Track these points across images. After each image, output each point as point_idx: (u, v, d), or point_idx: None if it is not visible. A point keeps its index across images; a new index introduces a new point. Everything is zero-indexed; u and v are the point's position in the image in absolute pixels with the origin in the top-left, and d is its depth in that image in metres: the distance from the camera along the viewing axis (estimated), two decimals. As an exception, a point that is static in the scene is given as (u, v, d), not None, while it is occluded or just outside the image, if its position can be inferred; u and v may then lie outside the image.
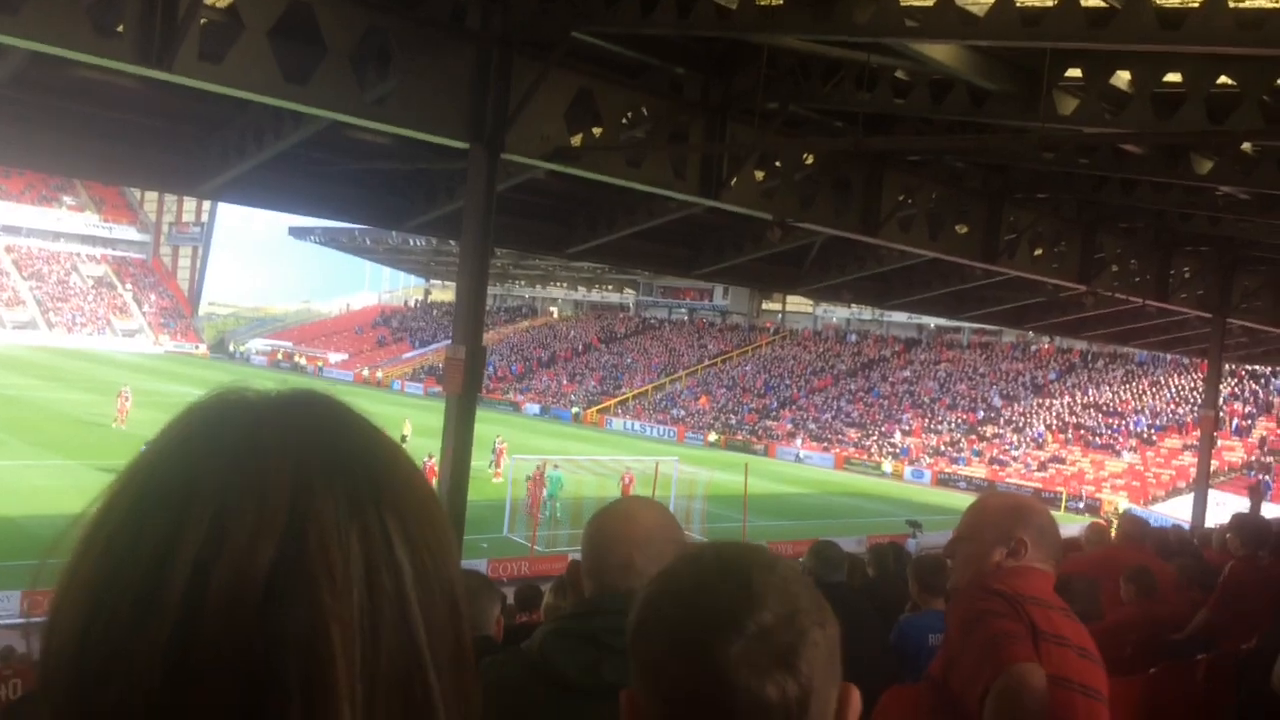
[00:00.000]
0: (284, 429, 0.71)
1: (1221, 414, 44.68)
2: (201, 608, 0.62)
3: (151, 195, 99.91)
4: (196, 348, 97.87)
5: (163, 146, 17.41)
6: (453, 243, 33.13)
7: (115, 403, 42.45)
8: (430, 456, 30.51)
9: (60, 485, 29.07)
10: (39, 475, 30.44)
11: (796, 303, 75.32)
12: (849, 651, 3.74)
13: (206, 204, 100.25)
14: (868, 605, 5.10)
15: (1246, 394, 54.64)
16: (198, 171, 17.44)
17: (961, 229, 19.07)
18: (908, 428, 59.42)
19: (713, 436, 61.07)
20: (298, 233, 79.59)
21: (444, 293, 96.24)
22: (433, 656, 0.68)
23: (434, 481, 27.09)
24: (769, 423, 63.78)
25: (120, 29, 10.16)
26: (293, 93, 11.10)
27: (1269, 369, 51.92)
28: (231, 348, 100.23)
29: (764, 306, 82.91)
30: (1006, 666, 2.48)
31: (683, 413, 67.59)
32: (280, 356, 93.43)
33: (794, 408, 65.93)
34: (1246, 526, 5.80)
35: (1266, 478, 46.07)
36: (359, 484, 0.69)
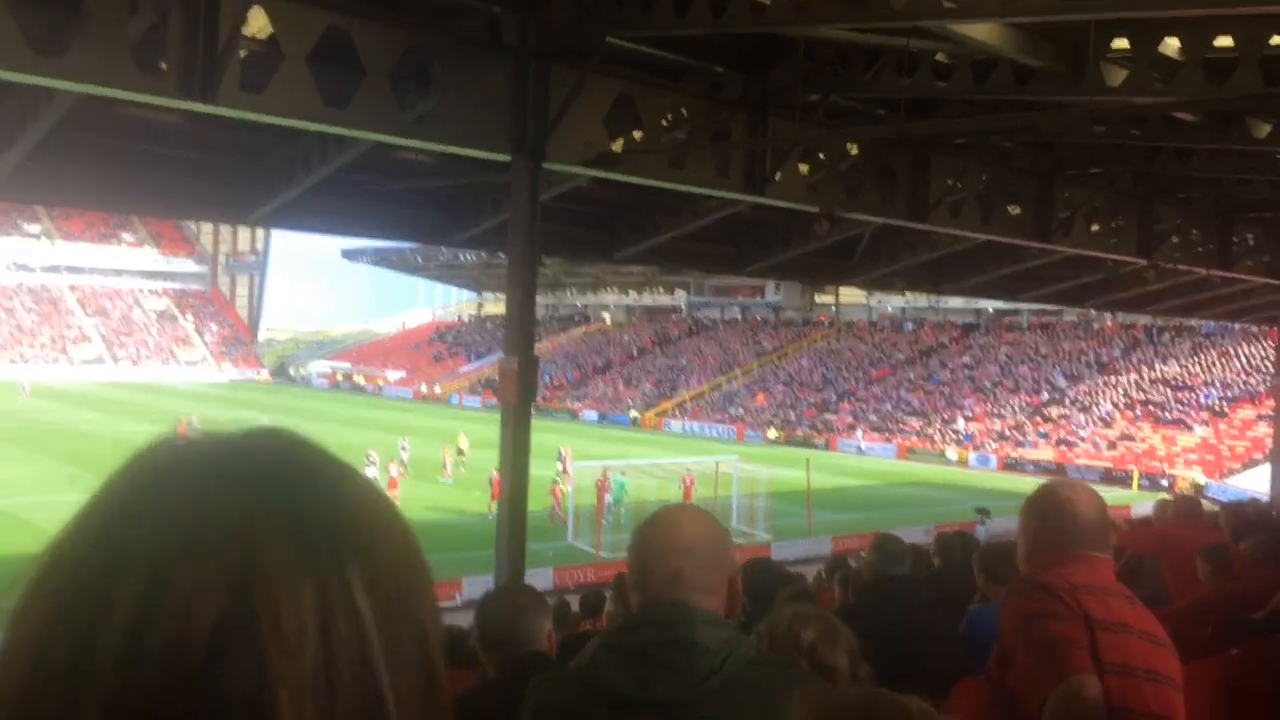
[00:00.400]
0: (231, 477, 0.66)
1: (1296, 381, 43.51)
2: (138, 675, 0.58)
3: (208, 227, 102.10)
4: (258, 373, 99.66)
5: (212, 178, 17.72)
6: (501, 255, 33.40)
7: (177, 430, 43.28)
8: (496, 471, 30.81)
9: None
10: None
11: (850, 294, 74.69)
12: (911, 646, 3.66)
13: (261, 233, 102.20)
14: (933, 596, 5.00)
15: (1320, 360, 53.13)
16: (246, 200, 17.71)
17: (1014, 209, 18.75)
18: (970, 413, 58.61)
19: (772, 433, 60.75)
20: (350, 255, 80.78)
21: (496, 305, 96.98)
22: (398, 701, 0.64)
23: (496, 494, 27.27)
24: (828, 416, 63.32)
25: (163, 65, 10.35)
26: (333, 116, 11.22)
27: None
28: (292, 371, 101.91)
29: (817, 300, 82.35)
30: (1063, 677, 2.43)
31: (741, 411, 67.35)
32: (340, 378, 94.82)
33: (853, 400, 65.37)
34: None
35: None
36: (316, 532, 0.65)
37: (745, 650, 1.86)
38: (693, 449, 49.01)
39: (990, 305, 65.51)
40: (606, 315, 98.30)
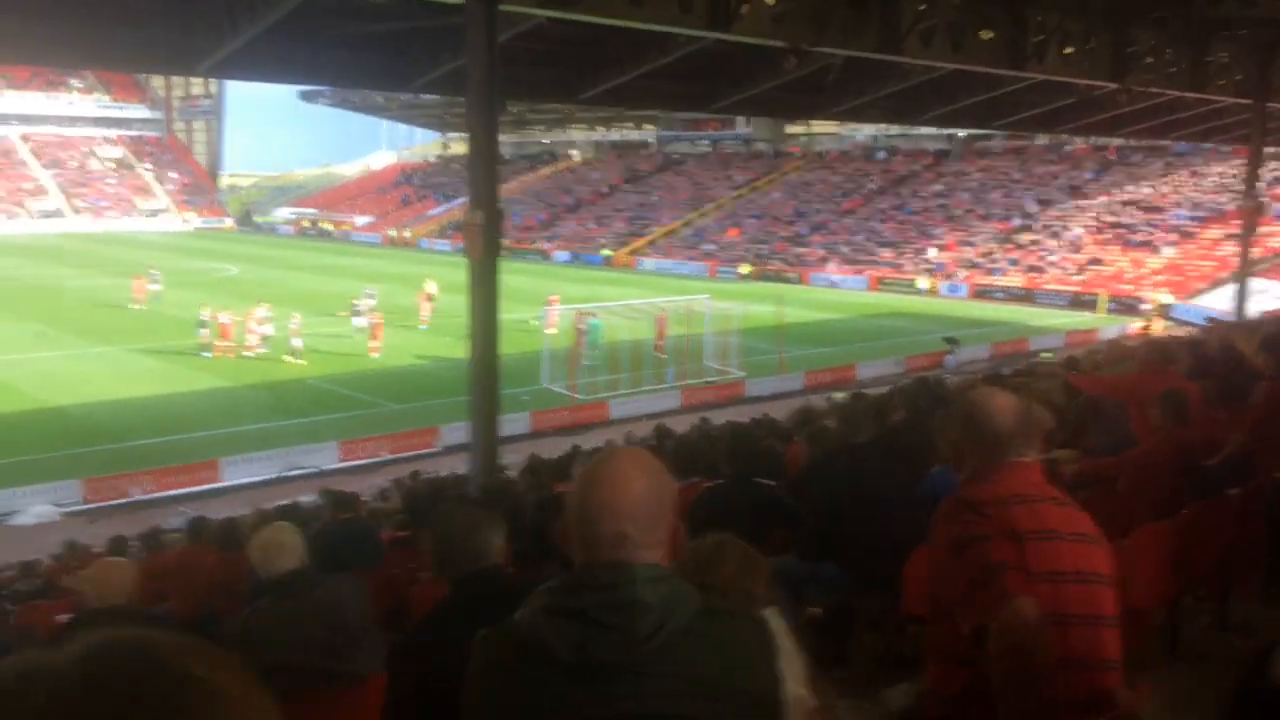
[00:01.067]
0: None
1: (1263, 200, 43.52)
2: None
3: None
4: (223, 221, 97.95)
5: (152, 26, 16.92)
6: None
7: (134, 284, 42.94)
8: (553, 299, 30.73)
9: (107, 372, 29.69)
10: (84, 364, 31.02)
11: (822, 123, 73.43)
12: (873, 515, 3.72)
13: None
14: (890, 463, 5.07)
15: (1290, 177, 53.14)
16: (191, 50, 17.00)
17: (986, 35, 18.26)
18: (942, 242, 58.65)
19: (745, 268, 60.70)
20: (309, 96, 78.28)
21: (463, 145, 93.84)
22: None
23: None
24: (800, 250, 63.22)
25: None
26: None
27: (1313, 149, 50.29)
28: (257, 219, 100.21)
29: (788, 131, 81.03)
30: (997, 600, 2.47)
31: (713, 247, 67.09)
32: (307, 224, 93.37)
33: (825, 232, 65.17)
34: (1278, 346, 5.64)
35: (1311, 263, 45.23)
36: None
37: (690, 602, 1.84)
38: (666, 287, 49.02)
39: (963, 130, 64.64)
40: (575, 152, 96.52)
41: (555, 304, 36.46)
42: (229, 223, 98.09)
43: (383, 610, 5.75)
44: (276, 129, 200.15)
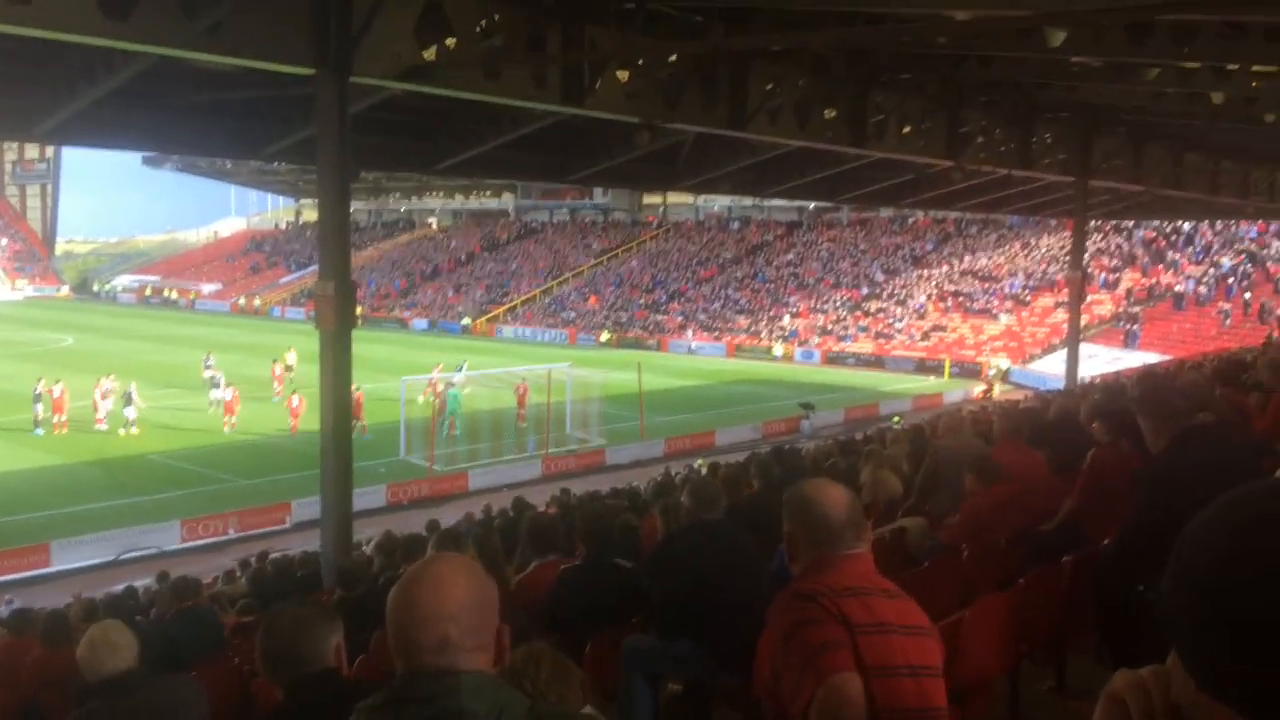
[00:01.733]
0: None
1: (1089, 270, 46.40)
2: None
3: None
4: (58, 290, 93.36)
5: (-15, 90, 16.16)
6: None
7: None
8: (358, 388, 29.90)
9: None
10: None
11: (677, 194, 75.08)
12: (726, 591, 3.70)
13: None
14: (743, 537, 5.13)
15: (1112, 248, 56.84)
16: (27, 113, 16.29)
17: (830, 113, 19.04)
18: (795, 310, 60.39)
19: (605, 336, 61.15)
20: (152, 161, 75.78)
21: (316, 212, 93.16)
22: None
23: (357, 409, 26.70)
24: (659, 317, 64.10)
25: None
26: (114, 29, 10.31)
27: (1132, 222, 53.98)
28: (96, 287, 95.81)
29: (645, 201, 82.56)
30: (825, 679, 2.51)
31: (573, 314, 67.42)
32: (149, 293, 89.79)
33: (683, 300, 66.31)
34: (1111, 414, 5.97)
35: (1134, 327, 48.29)
36: None
37: (519, 708, 1.80)
38: (526, 355, 48.90)
39: (812, 203, 67.07)
40: (433, 220, 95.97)
41: (437, 372, 35.99)
42: (64, 291, 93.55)
43: (223, 706, 5.46)
44: (118, 194, 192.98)
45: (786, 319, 59.17)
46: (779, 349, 54.89)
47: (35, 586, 18.52)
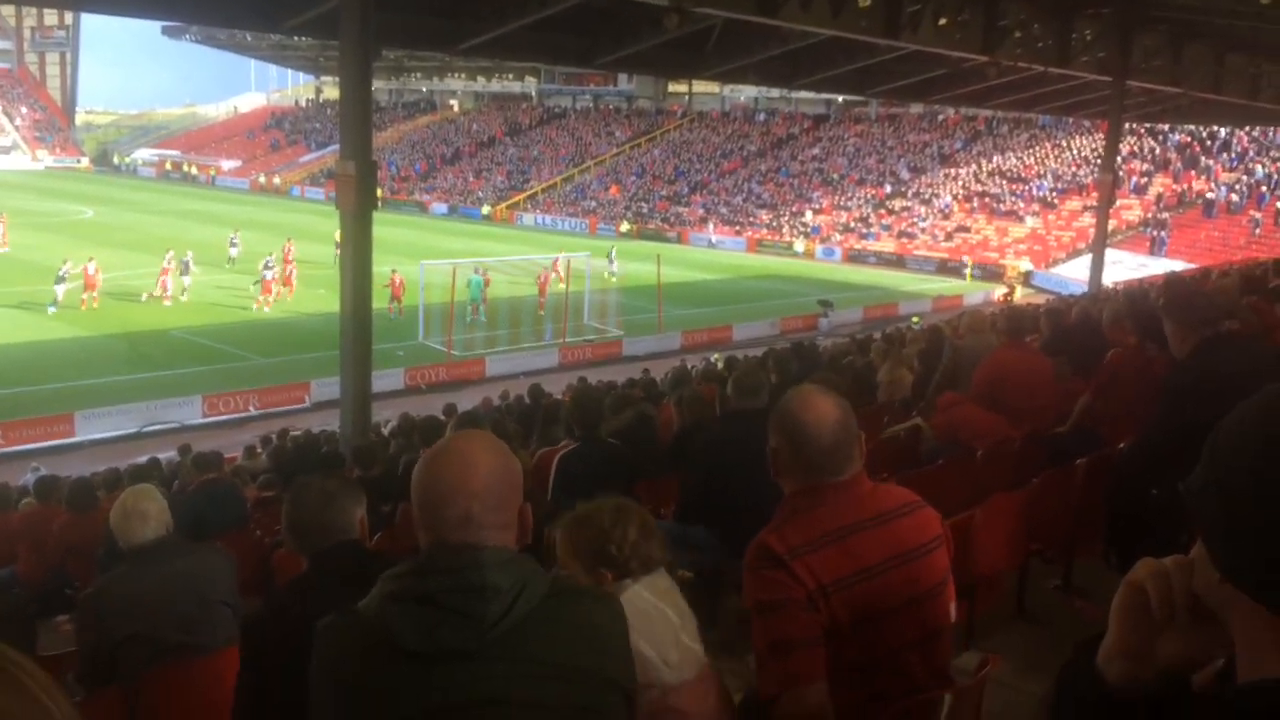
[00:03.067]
0: None
1: (1120, 173, 45.58)
2: None
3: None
4: (78, 161, 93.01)
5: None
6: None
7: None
8: (394, 270, 30.33)
9: (-50, 320, 28.05)
10: (-74, 311, 29.20)
11: (704, 83, 73.65)
12: (741, 481, 3.62)
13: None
14: (759, 428, 5.15)
15: (1145, 151, 55.67)
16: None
17: (864, 2, 18.51)
18: (818, 206, 59.71)
19: (625, 226, 60.74)
20: (172, 31, 74.66)
21: (337, 90, 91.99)
22: None
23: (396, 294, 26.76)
24: (680, 209, 63.52)
25: None
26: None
27: (1168, 126, 52.76)
28: (116, 159, 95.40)
29: (670, 89, 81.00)
30: (789, 686, 2.41)
31: (594, 204, 66.88)
32: (169, 167, 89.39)
33: (705, 192, 65.60)
34: (1143, 317, 5.90)
35: (1162, 234, 47.63)
36: None
37: (539, 585, 1.83)
38: (546, 243, 48.70)
39: (840, 97, 65.69)
40: (454, 102, 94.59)
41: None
42: (85, 162, 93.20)
43: (245, 576, 5.60)
44: (137, 65, 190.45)
45: (809, 215, 58.56)
46: (800, 245, 54.46)
47: (61, 455, 18.91)
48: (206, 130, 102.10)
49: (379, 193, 14.40)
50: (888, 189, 59.88)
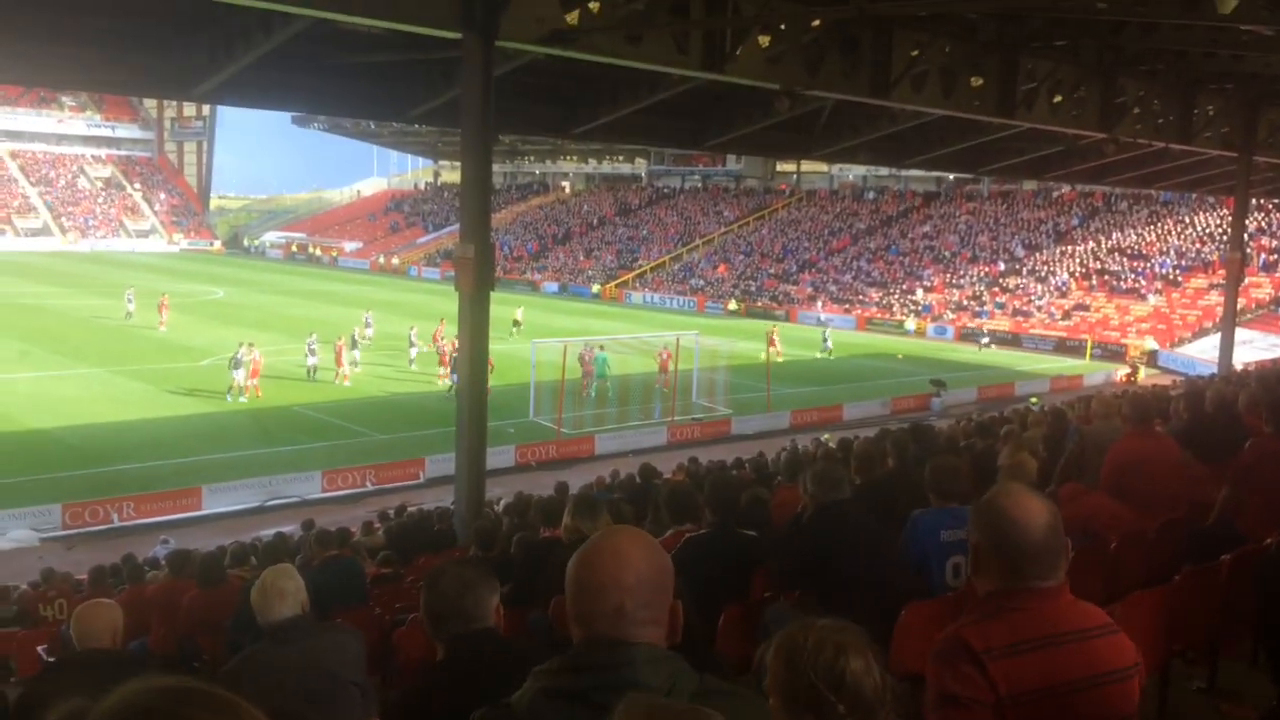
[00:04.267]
0: None
1: (1248, 251, 43.98)
2: None
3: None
4: (211, 244, 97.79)
5: (148, 51, 16.93)
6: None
7: (153, 309, 42.95)
8: (451, 341, 31.20)
9: (90, 394, 29.49)
10: (67, 385, 30.78)
11: (812, 162, 73.97)
12: (860, 566, 3.49)
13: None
14: (874, 521, 5.06)
15: (1274, 227, 53.69)
16: (188, 74, 17.00)
17: (977, 81, 18.41)
18: (929, 284, 58.98)
19: (733, 304, 60.91)
20: (301, 120, 78.58)
21: (453, 173, 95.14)
22: None
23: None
24: (789, 287, 63.46)
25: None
26: (274, -8, 10.68)
27: (1296, 201, 50.87)
28: (245, 242, 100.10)
29: (779, 168, 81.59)
30: None
31: (702, 282, 67.31)
32: (295, 249, 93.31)
33: (813, 270, 65.47)
34: (1276, 403, 5.66)
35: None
36: None
37: (688, 683, 1.83)
38: (654, 322, 49.12)
39: (951, 174, 65.21)
40: (566, 184, 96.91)
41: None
42: (217, 245, 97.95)
43: (367, 654, 5.68)
44: (267, 152, 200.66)
45: (920, 293, 57.85)
46: (911, 323, 53.77)
47: (187, 527, 19.58)
48: (331, 214, 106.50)
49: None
50: (1001, 266, 58.87)
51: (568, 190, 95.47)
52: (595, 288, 68.69)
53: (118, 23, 16.51)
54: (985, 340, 48.89)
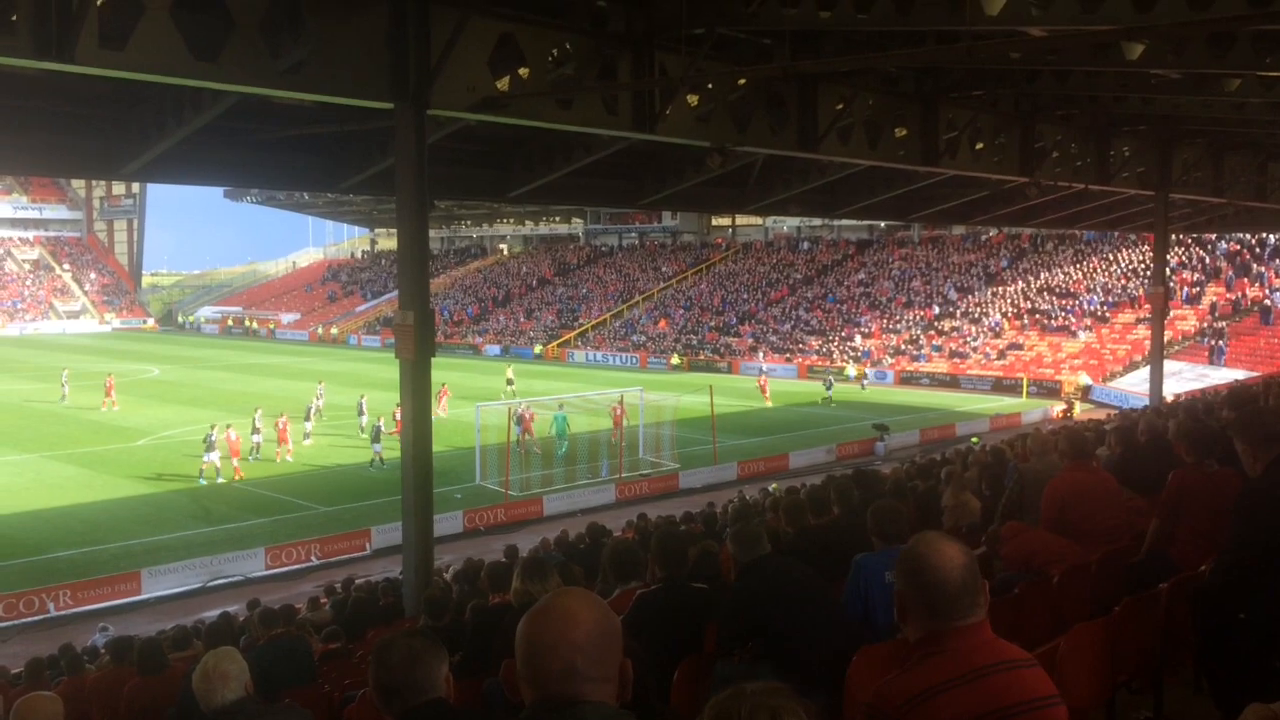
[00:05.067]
0: None
1: (1171, 284, 45.28)
2: None
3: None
4: (144, 322, 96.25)
5: (77, 132, 16.81)
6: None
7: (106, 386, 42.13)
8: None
9: (23, 481, 28.69)
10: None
11: (747, 216, 75.02)
12: (805, 616, 3.52)
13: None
14: (822, 562, 5.10)
15: (1194, 261, 55.39)
16: (117, 153, 16.88)
17: (900, 132, 18.93)
18: (867, 330, 59.80)
19: (675, 359, 61.20)
20: (233, 194, 78.03)
21: (390, 240, 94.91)
22: None
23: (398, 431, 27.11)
24: (730, 339, 63.95)
25: (14, 19, 9.70)
26: (203, 70, 10.69)
27: (1214, 235, 52.58)
28: (180, 318, 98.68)
29: (714, 223, 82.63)
30: None
31: (643, 338, 67.59)
32: (231, 323, 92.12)
33: (753, 321, 66.09)
34: (1195, 434, 5.83)
35: (1220, 343, 46.96)
36: None
37: None
38: (598, 379, 49.13)
39: (883, 222, 66.47)
40: (504, 246, 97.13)
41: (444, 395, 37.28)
42: (150, 323, 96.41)
43: (317, 732, 5.57)
44: (200, 227, 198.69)
45: (858, 339, 58.64)
46: (851, 370, 54.39)
47: (127, 614, 19.04)
48: (266, 286, 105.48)
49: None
50: (936, 310, 59.93)
51: (506, 253, 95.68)
52: (537, 348, 68.64)
53: (44, 104, 16.39)
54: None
